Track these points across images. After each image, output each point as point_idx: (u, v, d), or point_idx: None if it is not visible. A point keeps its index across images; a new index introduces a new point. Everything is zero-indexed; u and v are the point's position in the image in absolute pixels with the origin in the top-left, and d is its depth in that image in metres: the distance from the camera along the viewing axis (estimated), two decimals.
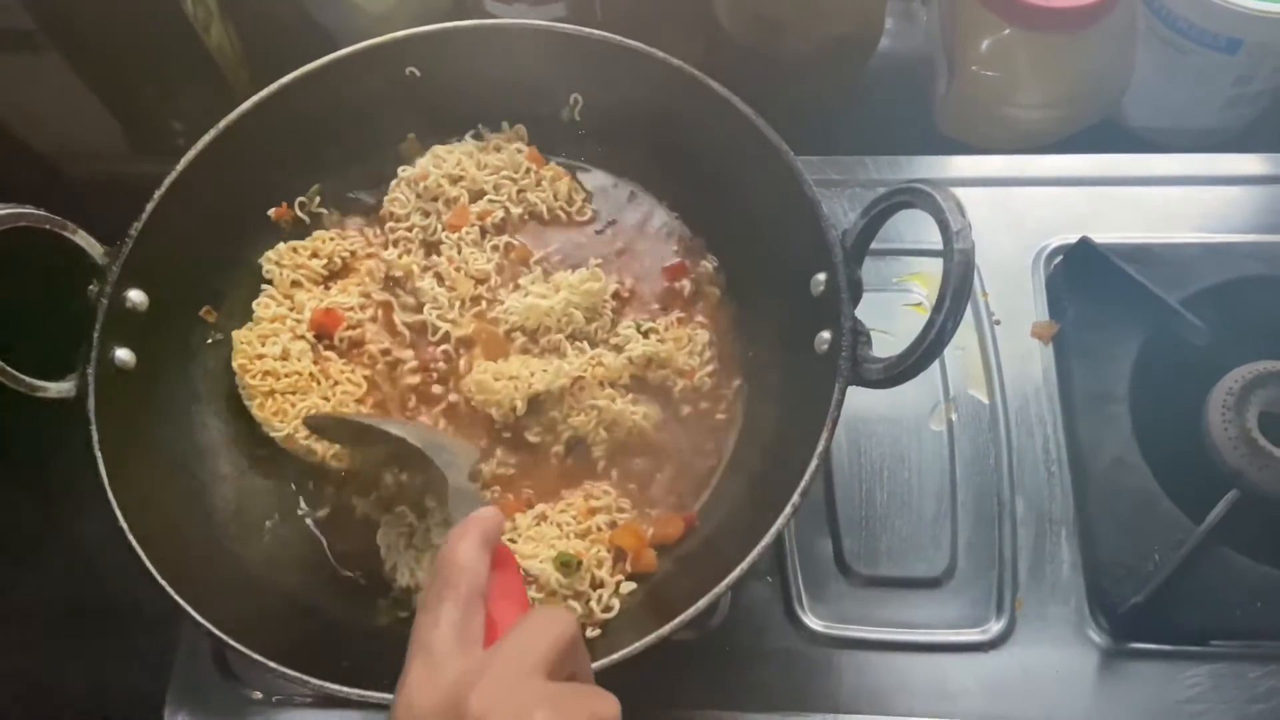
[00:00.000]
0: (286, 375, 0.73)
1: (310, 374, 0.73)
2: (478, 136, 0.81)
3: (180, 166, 0.69)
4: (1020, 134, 0.94)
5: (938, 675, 0.71)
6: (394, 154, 0.81)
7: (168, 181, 0.68)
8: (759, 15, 0.93)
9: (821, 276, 0.66)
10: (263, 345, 0.73)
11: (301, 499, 0.73)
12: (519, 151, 0.80)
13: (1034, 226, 0.85)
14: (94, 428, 0.63)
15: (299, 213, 0.79)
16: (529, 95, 0.79)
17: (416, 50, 0.74)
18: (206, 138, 0.69)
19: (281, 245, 0.77)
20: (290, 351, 0.73)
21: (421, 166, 0.79)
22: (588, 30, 0.73)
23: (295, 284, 0.76)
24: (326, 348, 0.76)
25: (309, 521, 0.73)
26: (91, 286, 0.67)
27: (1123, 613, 0.70)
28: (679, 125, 0.76)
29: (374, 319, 0.77)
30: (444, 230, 0.78)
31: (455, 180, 0.79)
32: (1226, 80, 0.88)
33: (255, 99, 0.71)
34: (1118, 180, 0.87)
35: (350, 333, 0.76)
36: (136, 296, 0.68)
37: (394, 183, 0.80)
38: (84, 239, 0.66)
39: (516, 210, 0.79)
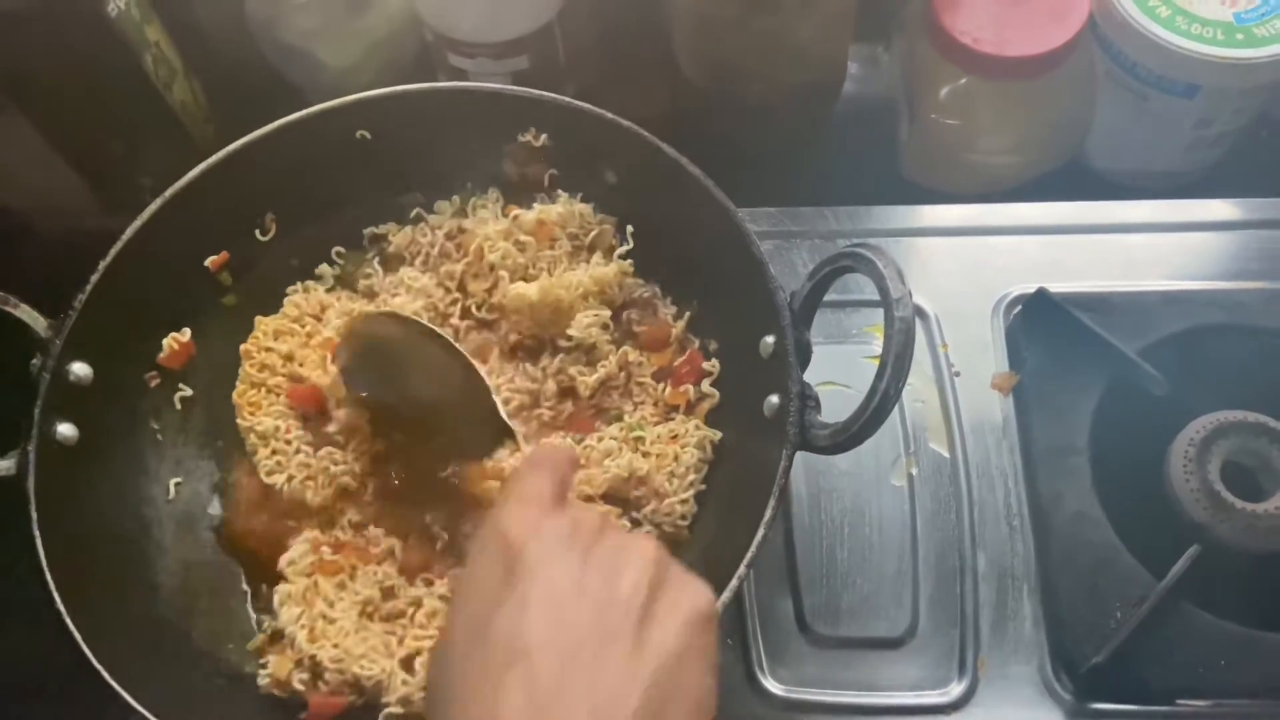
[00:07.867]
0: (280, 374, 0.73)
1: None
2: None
3: (118, 245, 0.68)
4: (983, 179, 0.94)
5: None
6: (348, 216, 0.80)
7: (111, 254, 0.68)
8: (719, 61, 0.93)
9: (770, 339, 0.66)
10: (275, 340, 0.74)
11: (243, 573, 0.71)
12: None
13: (994, 276, 0.84)
14: (33, 507, 0.62)
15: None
16: (486, 159, 0.79)
17: (363, 114, 0.74)
18: (146, 213, 0.69)
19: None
20: (295, 357, 0.74)
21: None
22: (534, 92, 0.73)
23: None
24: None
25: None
26: (34, 361, 0.66)
27: (1083, 672, 0.69)
28: (635, 186, 0.75)
29: None
30: None
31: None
32: (1187, 124, 0.87)
33: (197, 170, 0.71)
34: (1078, 228, 0.86)
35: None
36: (80, 370, 0.67)
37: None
38: (26, 313, 0.65)
39: None
